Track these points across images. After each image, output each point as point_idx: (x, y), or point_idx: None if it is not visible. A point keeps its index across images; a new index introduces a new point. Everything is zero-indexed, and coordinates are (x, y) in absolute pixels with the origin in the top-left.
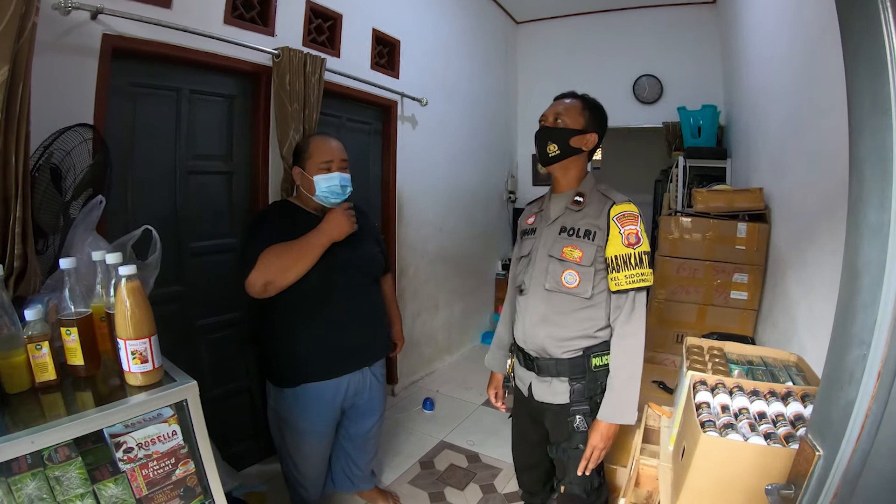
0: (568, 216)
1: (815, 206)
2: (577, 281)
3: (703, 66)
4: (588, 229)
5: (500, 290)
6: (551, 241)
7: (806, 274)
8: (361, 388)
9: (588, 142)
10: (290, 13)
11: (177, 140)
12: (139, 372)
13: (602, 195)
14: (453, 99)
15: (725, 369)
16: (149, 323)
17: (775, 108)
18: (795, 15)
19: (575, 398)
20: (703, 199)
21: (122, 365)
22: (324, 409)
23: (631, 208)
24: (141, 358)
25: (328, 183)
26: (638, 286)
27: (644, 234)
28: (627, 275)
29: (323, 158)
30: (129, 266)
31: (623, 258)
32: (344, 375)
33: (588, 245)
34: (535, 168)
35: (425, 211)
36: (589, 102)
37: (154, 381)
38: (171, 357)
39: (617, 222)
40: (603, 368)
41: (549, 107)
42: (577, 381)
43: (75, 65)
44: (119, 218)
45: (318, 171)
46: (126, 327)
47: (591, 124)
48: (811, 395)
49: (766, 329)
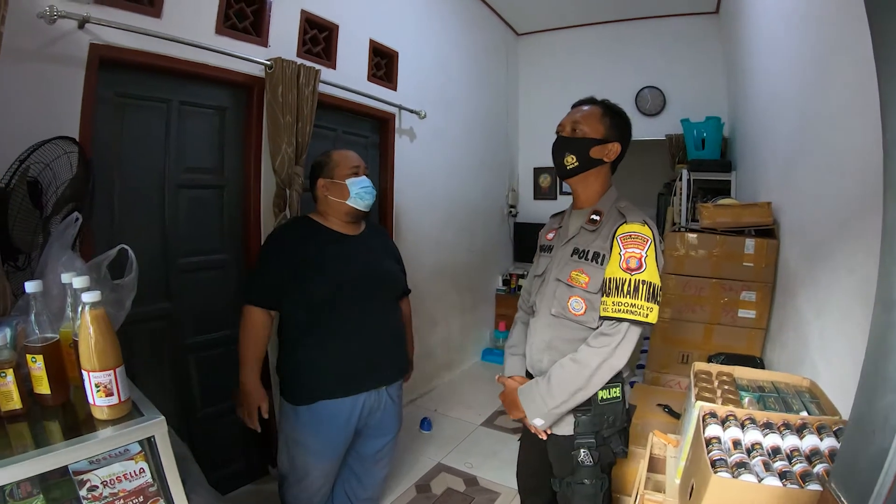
0: (582, 236)
1: (828, 221)
2: (584, 308)
3: (706, 77)
4: (597, 252)
5: (500, 306)
6: (563, 263)
7: (818, 293)
8: (376, 408)
9: (610, 152)
10: (284, 24)
11: (166, 153)
12: (104, 405)
13: (619, 213)
14: (453, 111)
15: (736, 397)
16: (114, 353)
17: (783, 120)
18: (803, 24)
19: (580, 430)
20: (710, 214)
21: (87, 397)
22: (338, 428)
23: (641, 230)
24: (105, 391)
25: (361, 184)
26: (625, 317)
27: (653, 261)
28: (615, 301)
29: (350, 164)
30: (93, 292)
31: (616, 282)
32: (360, 394)
33: (596, 270)
34: (537, 181)
35: (423, 225)
36: (610, 108)
37: (120, 414)
38: (159, 377)
39: (620, 242)
40: (611, 401)
41: (567, 115)
42: (582, 413)
43: (61, 75)
44: (105, 233)
45: (348, 175)
46: (90, 358)
47: (612, 132)
48: (827, 426)
49: (776, 349)
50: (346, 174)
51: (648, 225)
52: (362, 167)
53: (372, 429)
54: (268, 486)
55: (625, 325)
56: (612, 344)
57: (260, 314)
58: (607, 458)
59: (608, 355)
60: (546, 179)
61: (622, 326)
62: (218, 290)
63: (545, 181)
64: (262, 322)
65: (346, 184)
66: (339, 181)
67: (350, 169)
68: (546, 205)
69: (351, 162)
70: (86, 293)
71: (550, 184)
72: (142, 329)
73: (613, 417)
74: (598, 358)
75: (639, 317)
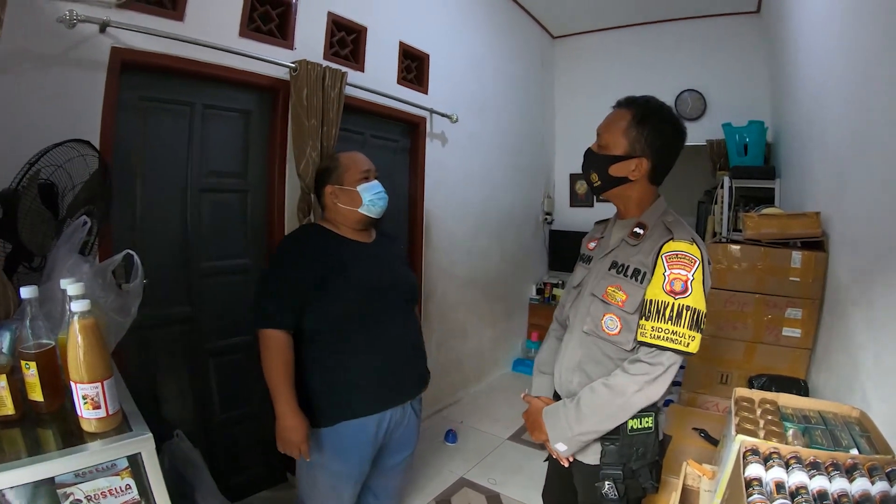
0: (623, 249)
1: (888, 234)
2: (619, 328)
3: (748, 79)
4: (637, 268)
5: (533, 316)
6: (599, 277)
7: (874, 315)
8: (400, 423)
9: (635, 169)
10: (310, 26)
11: (189, 156)
12: (92, 418)
13: (665, 228)
14: (486, 115)
15: (779, 429)
16: (102, 365)
17: (835, 123)
18: (860, 16)
19: (606, 460)
20: (755, 224)
21: (75, 409)
22: (364, 447)
23: (689, 249)
24: (93, 403)
25: (374, 190)
26: (663, 344)
27: (699, 285)
28: (654, 326)
29: (361, 168)
30: (82, 301)
31: (657, 305)
32: (386, 410)
33: (635, 287)
34: (574, 188)
35: (455, 232)
36: (645, 112)
37: (109, 428)
38: (178, 380)
39: (665, 261)
40: (641, 432)
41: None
42: (610, 442)
43: (83, 79)
44: (126, 237)
45: (359, 181)
46: (78, 369)
47: (639, 145)
48: (880, 466)
49: (822, 372)
50: (357, 179)
51: (697, 244)
52: (373, 171)
53: (394, 443)
54: (286, 493)
55: (668, 354)
56: (652, 374)
57: (282, 336)
58: (635, 493)
59: (644, 385)
60: (583, 186)
61: (664, 357)
62: (240, 295)
63: (582, 188)
64: (285, 344)
65: (358, 190)
66: (350, 187)
67: (361, 174)
68: (583, 212)
69: (361, 166)
70: (75, 301)
71: (587, 191)
72: (162, 332)
73: (644, 450)
74: (635, 386)
75: (679, 346)
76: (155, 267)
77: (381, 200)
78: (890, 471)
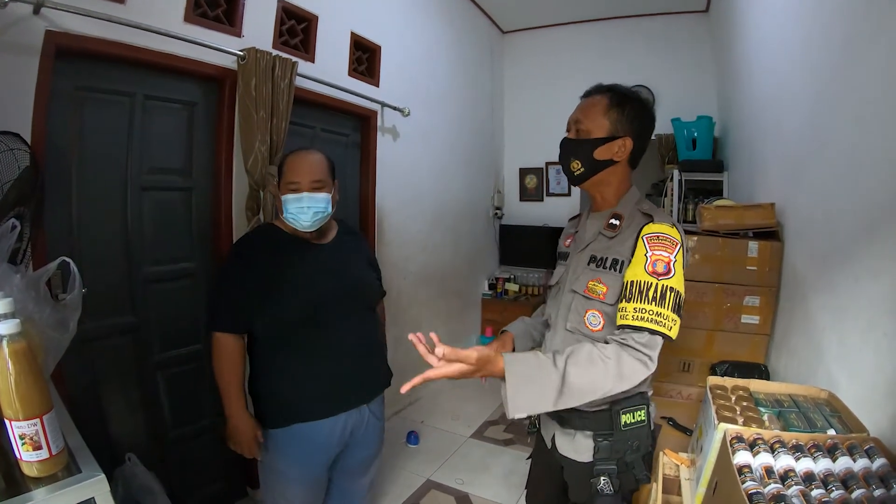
0: (600, 242)
1: (847, 223)
2: (602, 324)
3: (696, 76)
4: (616, 258)
5: (486, 311)
6: (578, 273)
7: (836, 300)
8: (358, 427)
9: (619, 150)
10: (259, 13)
11: (129, 151)
12: (33, 461)
13: (643, 215)
14: (437, 110)
15: (756, 414)
16: (40, 398)
17: (788, 118)
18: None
19: (600, 456)
20: (712, 215)
21: (13, 451)
22: (316, 452)
23: (670, 231)
24: (32, 444)
25: (296, 205)
26: (648, 326)
27: (680, 269)
28: (637, 308)
29: (290, 178)
30: (10, 321)
31: (640, 286)
32: (340, 414)
33: (615, 278)
34: (523, 183)
35: (407, 228)
36: (619, 96)
37: (53, 470)
38: (125, 397)
39: (646, 243)
40: (635, 426)
41: (574, 110)
42: (603, 437)
43: (13, 65)
44: (62, 242)
45: (287, 190)
46: (11, 403)
47: (621, 126)
48: (858, 445)
49: (782, 356)
50: (286, 188)
51: (677, 228)
52: (306, 182)
53: (354, 445)
54: None
55: (658, 338)
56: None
57: (232, 339)
58: (629, 486)
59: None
60: (532, 180)
61: (654, 346)
62: (187, 302)
63: (531, 182)
64: (235, 347)
65: (282, 200)
66: (279, 195)
67: (290, 183)
68: (532, 206)
69: (292, 175)
70: (2, 322)
71: (537, 185)
72: (105, 345)
73: (638, 442)
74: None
75: (663, 328)
76: (94, 274)
77: (302, 215)
78: (868, 447)
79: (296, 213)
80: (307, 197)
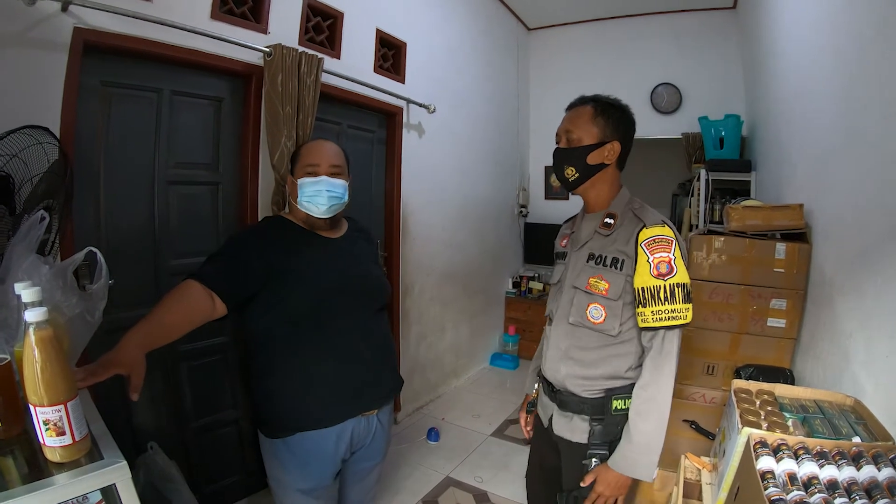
0: (597, 241)
1: (876, 224)
2: (603, 316)
3: (724, 74)
4: (616, 257)
5: (510, 310)
6: (578, 270)
7: (863, 304)
8: (365, 435)
9: (609, 153)
10: (285, 9)
11: (156, 146)
12: (56, 447)
13: (634, 216)
14: (463, 107)
15: (781, 420)
16: (65, 384)
17: (816, 115)
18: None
19: (594, 439)
20: (739, 216)
21: (37, 436)
22: (324, 462)
23: (664, 232)
24: (56, 429)
25: (313, 188)
26: (667, 324)
27: (680, 262)
28: (654, 311)
29: (309, 161)
30: (38, 309)
31: (651, 291)
32: (348, 420)
33: (615, 275)
34: (548, 181)
35: (432, 225)
36: (601, 104)
37: (76, 456)
38: (149, 387)
39: (645, 249)
40: (623, 412)
41: (561, 122)
42: (597, 421)
43: (42, 61)
44: (90, 234)
45: (304, 174)
46: (36, 390)
47: (608, 131)
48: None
49: (808, 361)
50: (303, 172)
51: (668, 225)
52: (325, 165)
53: (359, 454)
54: (265, 499)
55: (661, 331)
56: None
57: (200, 288)
58: None
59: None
60: None
61: (659, 333)
62: None
63: (556, 181)
64: (196, 292)
65: (298, 184)
66: (295, 180)
67: (309, 166)
68: (557, 205)
69: (311, 158)
70: (30, 310)
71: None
72: None
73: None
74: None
75: (680, 320)
76: (120, 266)
77: (319, 198)
78: (893, 457)
79: (312, 196)
80: (325, 180)
